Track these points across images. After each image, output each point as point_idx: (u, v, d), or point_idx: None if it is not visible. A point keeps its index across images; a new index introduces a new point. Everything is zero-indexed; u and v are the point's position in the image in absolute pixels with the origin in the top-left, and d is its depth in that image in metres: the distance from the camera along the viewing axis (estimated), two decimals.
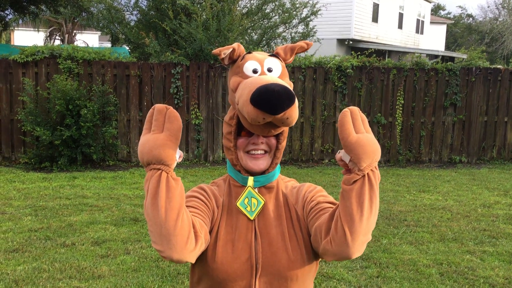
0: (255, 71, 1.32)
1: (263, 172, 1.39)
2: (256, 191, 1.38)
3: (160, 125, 1.17)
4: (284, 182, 1.47)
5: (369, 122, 9.05)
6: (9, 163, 8.31)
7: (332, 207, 1.32)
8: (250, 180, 1.37)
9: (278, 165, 1.42)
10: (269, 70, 1.33)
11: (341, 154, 1.24)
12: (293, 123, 1.24)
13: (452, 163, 9.23)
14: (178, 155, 1.21)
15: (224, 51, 1.32)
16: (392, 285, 3.91)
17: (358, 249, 1.21)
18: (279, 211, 1.39)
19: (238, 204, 1.37)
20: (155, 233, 1.16)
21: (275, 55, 1.39)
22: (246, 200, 1.37)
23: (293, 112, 1.20)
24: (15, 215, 5.47)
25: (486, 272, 4.18)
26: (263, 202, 1.37)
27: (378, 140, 9.18)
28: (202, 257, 1.34)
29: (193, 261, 1.25)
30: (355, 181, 1.19)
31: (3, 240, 4.69)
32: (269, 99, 1.16)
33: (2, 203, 5.93)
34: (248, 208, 1.36)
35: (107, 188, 6.81)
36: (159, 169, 1.16)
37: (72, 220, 5.31)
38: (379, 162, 9.11)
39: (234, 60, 1.38)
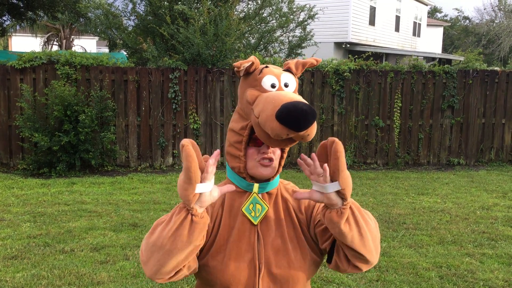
0: (273, 86, 1.37)
1: (268, 179, 1.44)
2: (260, 197, 1.43)
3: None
4: (283, 185, 1.53)
5: (367, 125, 9.16)
6: (7, 169, 8.30)
7: None
8: (256, 186, 1.42)
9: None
10: (286, 85, 1.39)
11: (323, 190, 1.27)
12: (310, 139, 1.31)
13: (451, 166, 9.24)
14: (204, 189, 1.19)
15: (244, 64, 1.37)
16: None
17: (378, 253, 1.36)
18: (279, 215, 1.45)
19: (243, 209, 1.41)
20: (153, 253, 1.27)
21: (289, 69, 1.44)
22: (251, 206, 1.42)
23: (314, 130, 1.28)
24: (14, 221, 5.46)
25: (486, 274, 4.18)
26: (267, 208, 1.43)
27: (377, 143, 9.20)
28: (207, 261, 1.38)
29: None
30: (346, 216, 1.27)
31: (2, 247, 4.68)
32: (297, 117, 1.22)
33: (0, 210, 5.91)
34: (253, 214, 1.41)
35: (106, 194, 6.80)
36: (184, 207, 1.22)
37: (71, 226, 5.30)
38: (378, 164, 9.15)
39: (249, 72, 1.41)
